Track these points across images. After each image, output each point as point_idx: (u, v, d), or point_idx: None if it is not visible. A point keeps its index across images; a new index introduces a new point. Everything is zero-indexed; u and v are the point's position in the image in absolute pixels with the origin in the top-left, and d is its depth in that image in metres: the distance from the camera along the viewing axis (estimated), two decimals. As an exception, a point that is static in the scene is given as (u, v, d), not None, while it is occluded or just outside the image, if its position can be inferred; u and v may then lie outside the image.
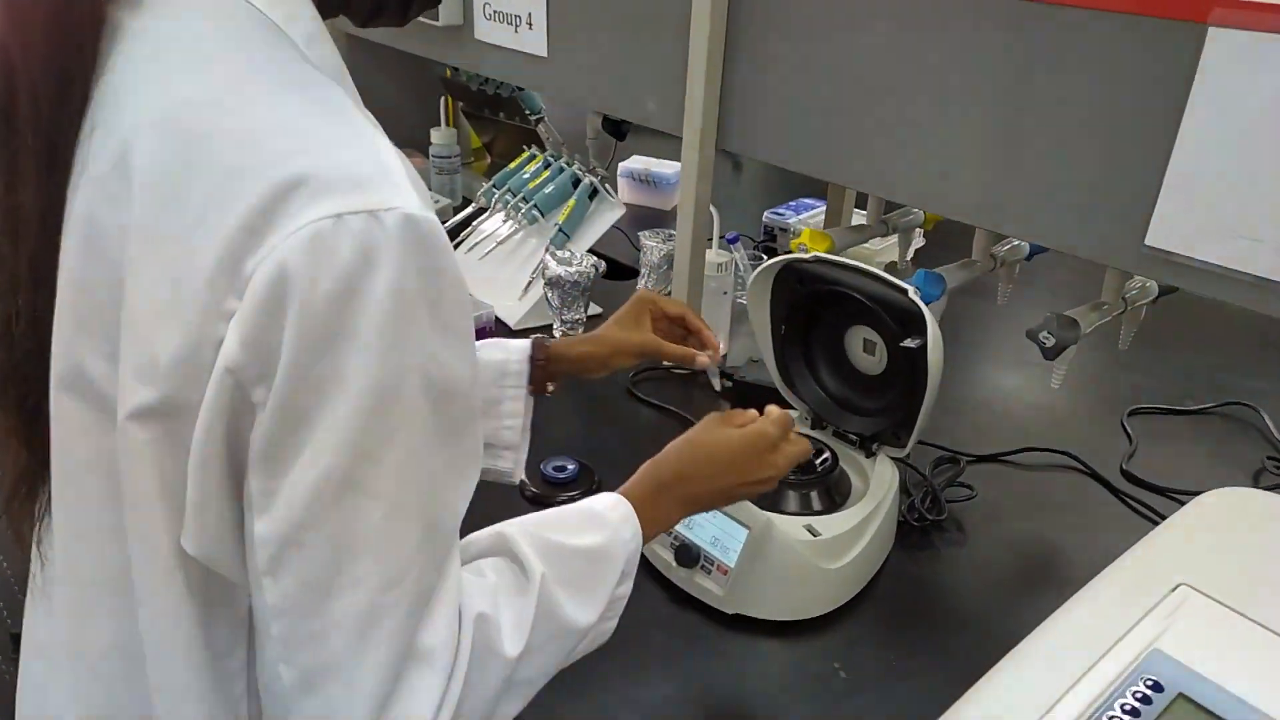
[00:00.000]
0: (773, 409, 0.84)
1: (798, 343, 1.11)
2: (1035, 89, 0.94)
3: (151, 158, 0.54)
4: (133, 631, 0.61)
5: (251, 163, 0.52)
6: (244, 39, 0.58)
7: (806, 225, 1.86)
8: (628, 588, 0.72)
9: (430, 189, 1.98)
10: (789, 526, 0.95)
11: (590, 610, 0.68)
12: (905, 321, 0.98)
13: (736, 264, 1.52)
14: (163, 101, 0.55)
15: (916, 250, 1.87)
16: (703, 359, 1.03)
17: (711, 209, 1.40)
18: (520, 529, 0.69)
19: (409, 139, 2.06)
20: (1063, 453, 1.25)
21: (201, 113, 0.55)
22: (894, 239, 1.39)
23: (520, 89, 1.91)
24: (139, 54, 0.57)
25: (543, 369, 0.99)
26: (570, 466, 1.15)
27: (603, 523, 0.72)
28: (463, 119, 2.27)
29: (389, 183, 0.53)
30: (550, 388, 1.01)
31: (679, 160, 1.31)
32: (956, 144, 1.02)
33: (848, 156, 1.14)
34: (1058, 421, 1.34)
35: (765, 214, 1.91)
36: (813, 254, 1.04)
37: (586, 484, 1.14)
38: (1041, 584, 1.05)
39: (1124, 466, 1.23)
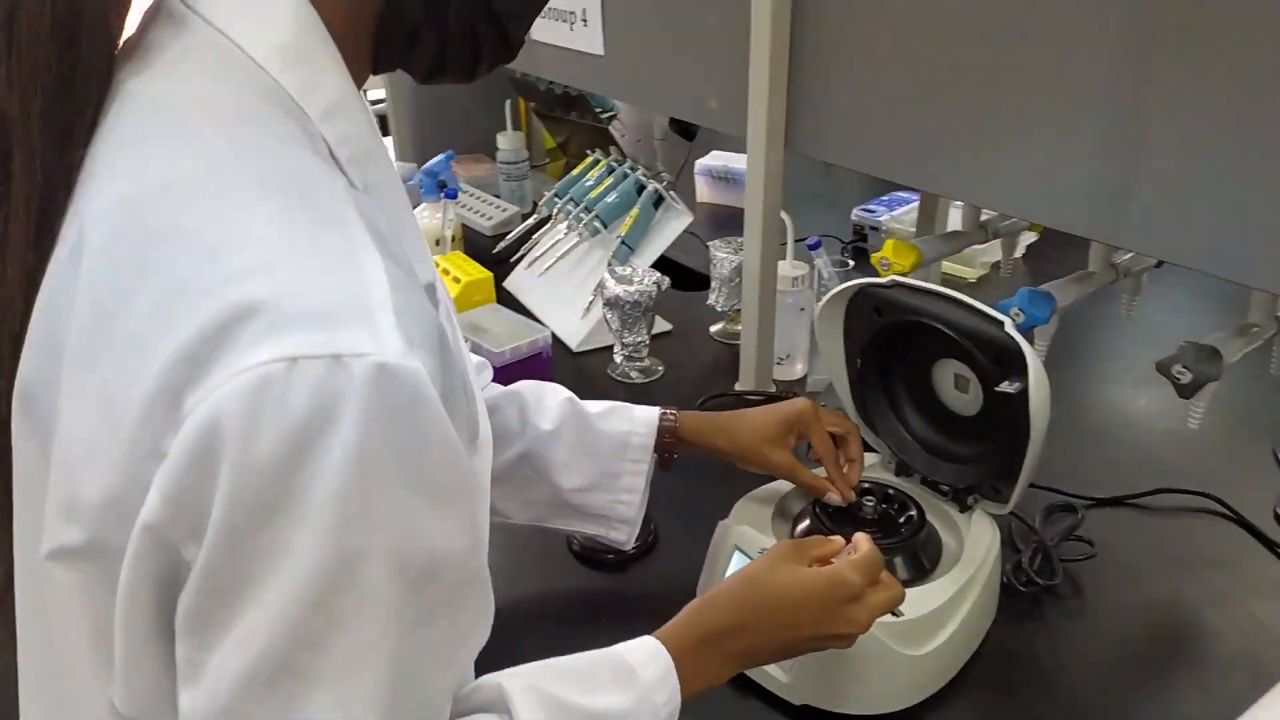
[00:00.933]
0: (861, 540, 0.71)
1: (877, 377, 0.96)
2: (1160, 73, 0.77)
3: (102, 253, 0.46)
4: None
5: (204, 278, 0.43)
6: (241, 112, 0.49)
7: (900, 223, 1.69)
8: None
9: (500, 196, 1.88)
10: (864, 604, 0.81)
11: None
12: (1002, 359, 0.82)
13: (819, 273, 1.37)
14: (128, 185, 0.47)
15: (1029, 247, 1.68)
16: (834, 496, 0.89)
17: (784, 216, 1.25)
18: (525, 684, 0.57)
19: (480, 144, 1.98)
20: (1205, 495, 1.06)
21: (163, 205, 0.46)
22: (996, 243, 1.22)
23: (587, 87, 1.80)
24: (125, 122, 0.49)
25: (670, 446, 0.90)
26: None
27: (631, 680, 0.60)
28: (535, 120, 2.17)
29: (366, 319, 0.43)
30: (676, 460, 0.92)
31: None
32: (1061, 142, 0.85)
33: (932, 159, 0.98)
34: (1198, 456, 1.14)
35: (854, 211, 1.74)
36: (889, 278, 0.89)
37: (642, 537, 1.02)
38: (1180, 664, 0.87)
39: (1279, 511, 1.04)
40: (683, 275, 1.68)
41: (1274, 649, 0.87)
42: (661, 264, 1.70)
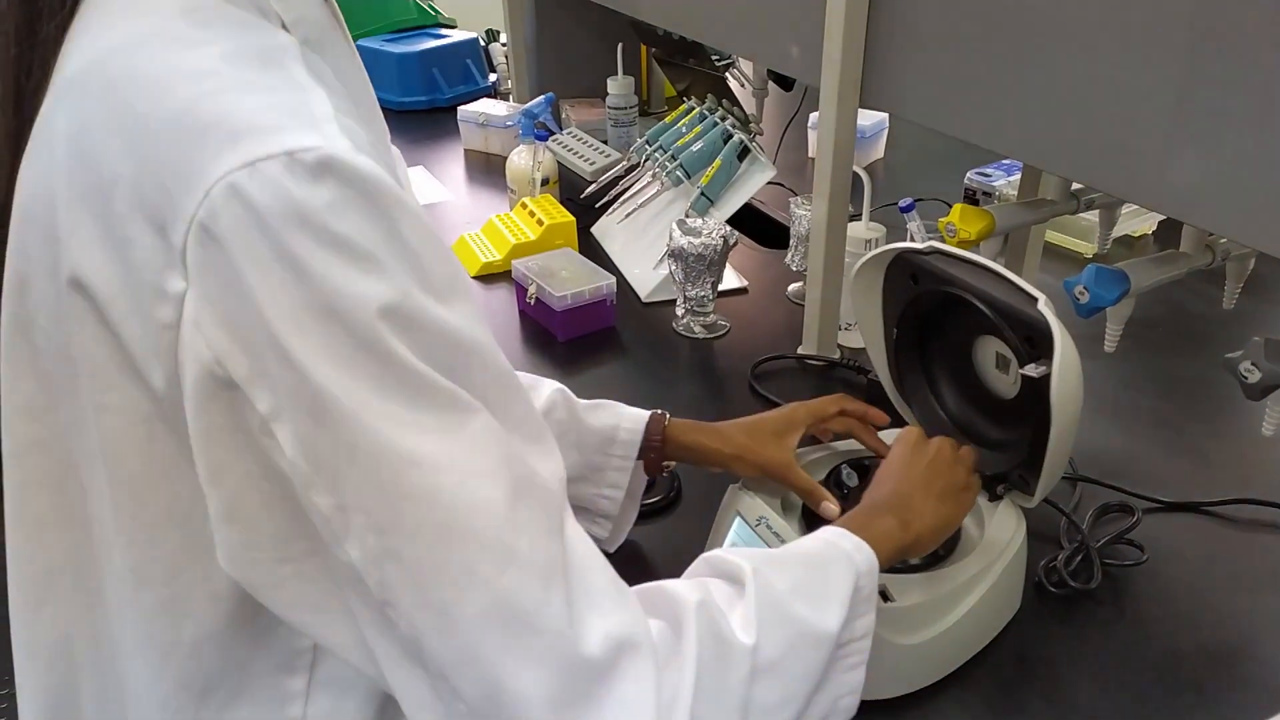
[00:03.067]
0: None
1: (915, 348, 0.90)
2: (1249, 28, 0.67)
3: (74, 111, 0.50)
4: (88, 625, 0.58)
5: (161, 111, 0.46)
6: None
7: (1016, 189, 1.57)
8: (870, 622, 0.62)
9: (606, 143, 1.87)
10: (857, 585, 0.76)
11: (829, 613, 0.59)
12: (1033, 340, 0.75)
13: (911, 237, 1.29)
14: (91, 49, 0.51)
15: (1160, 223, 1.53)
16: (828, 507, 0.83)
17: (861, 174, 1.19)
18: (722, 550, 0.63)
19: (598, 88, 1.96)
20: (1290, 509, 0.95)
21: (120, 58, 0.49)
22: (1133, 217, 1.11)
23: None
24: (93, 2, 0.53)
25: (658, 448, 0.88)
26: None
27: (812, 539, 0.66)
28: (656, 67, 2.14)
29: (311, 125, 0.46)
30: (667, 468, 0.91)
31: (873, 110, 1.09)
32: (1139, 105, 0.76)
33: (1006, 119, 0.90)
34: (1292, 466, 1.02)
35: (969, 174, 1.63)
36: (929, 244, 0.83)
37: (666, 489, 1.00)
38: (1219, 696, 0.78)
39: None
40: (776, 232, 1.63)
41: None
42: (751, 217, 1.66)
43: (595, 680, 0.49)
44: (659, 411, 0.89)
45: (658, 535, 0.97)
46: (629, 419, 0.88)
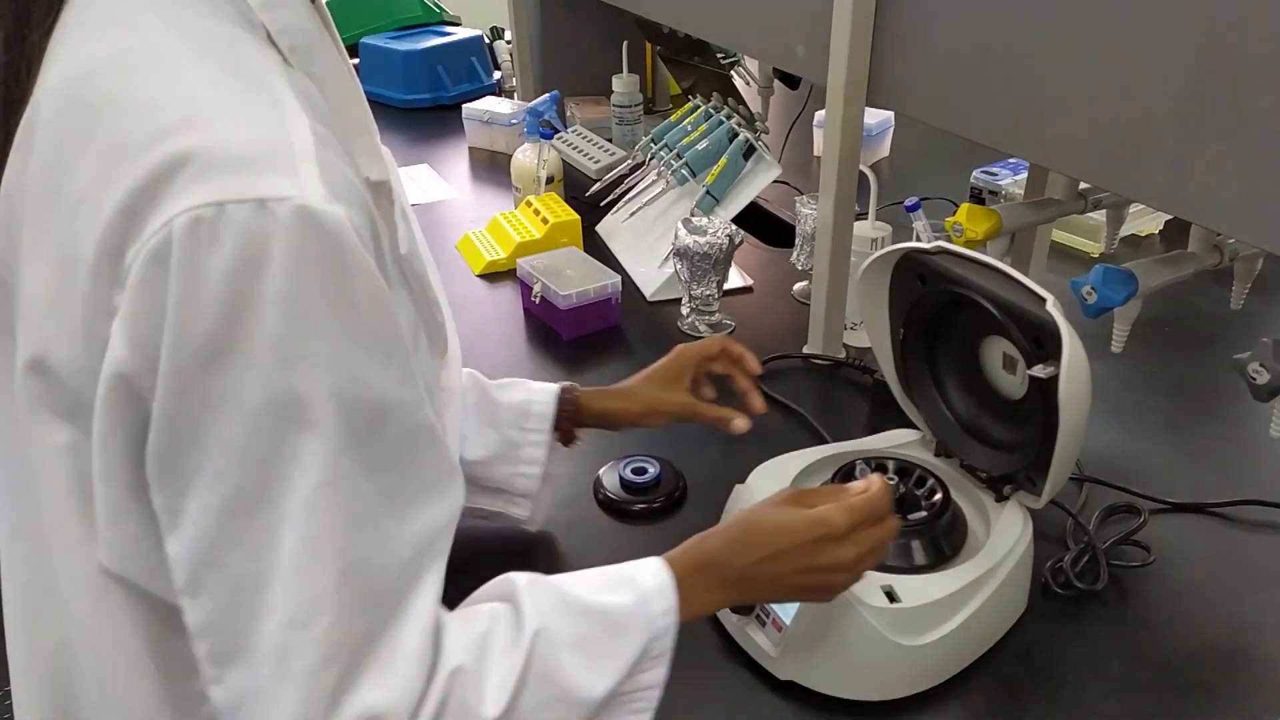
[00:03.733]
0: (874, 480, 0.69)
1: (922, 349, 0.90)
2: (1260, 27, 0.67)
3: (49, 127, 0.50)
4: (84, 631, 0.57)
5: (140, 135, 0.46)
6: None
7: (1022, 188, 1.56)
8: (658, 676, 0.61)
9: (611, 141, 1.87)
10: (862, 585, 0.75)
11: (599, 679, 0.58)
12: (1041, 340, 0.75)
13: (918, 237, 1.29)
14: (72, 63, 0.51)
15: (1167, 223, 1.53)
16: (739, 424, 0.89)
17: (867, 172, 1.18)
18: (533, 578, 0.60)
19: (603, 86, 1.96)
20: (1300, 512, 0.94)
21: (103, 77, 0.49)
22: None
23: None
24: (76, 10, 0.53)
25: (571, 418, 0.90)
26: (651, 469, 1.01)
27: (632, 586, 0.62)
28: (661, 65, 2.13)
29: (290, 167, 0.46)
30: (579, 438, 0.92)
31: (879, 108, 1.10)
32: (1149, 105, 0.76)
33: (1014, 118, 0.89)
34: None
35: (974, 173, 1.63)
36: (936, 244, 0.83)
37: (670, 488, 1.00)
38: (1225, 696, 0.78)
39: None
40: (781, 230, 1.63)
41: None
42: (756, 216, 1.65)
43: None
44: (568, 384, 0.91)
45: (664, 536, 0.96)
46: (540, 392, 0.90)
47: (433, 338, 0.64)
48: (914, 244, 0.83)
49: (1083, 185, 1.05)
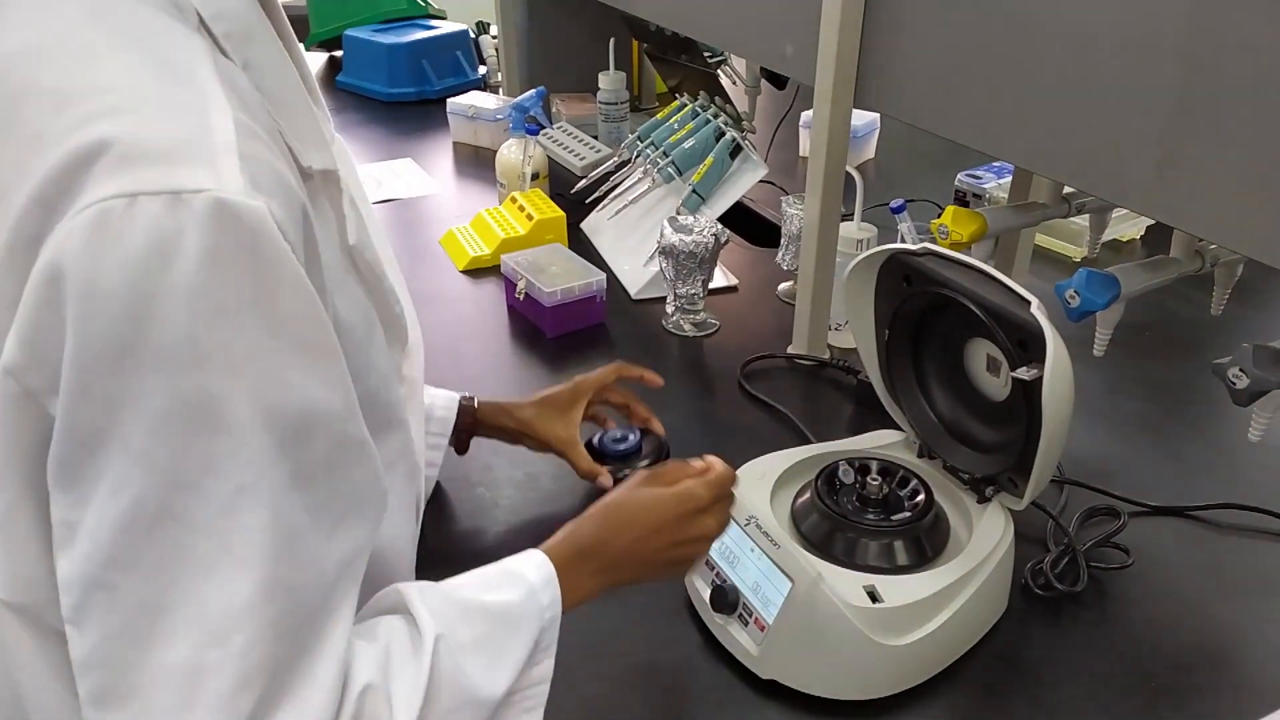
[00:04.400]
0: (714, 462, 0.73)
1: (907, 350, 0.90)
2: (1243, 35, 0.67)
3: None
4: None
5: (55, 127, 0.45)
6: None
7: (1006, 191, 1.57)
8: (547, 669, 0.61)
9: (597, 138, 1.86)
10: (845, 585, 0.76)
11: (500, 676, 0.58)
12: (1025, 343, 0.75)
13: (902, 238, 1.29)
14: None
15: (1149, 228, 1.54)
16: (604, 480, 0.93)
17: (854, 173, 1.19)
18: (421, 585, 0.59)
19: (590, 83, 1.95)
20: (1276, 515, 0.95)
21: (22, 67, 0.48)
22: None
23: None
24: None
25: (468, 428, 0.92)
26: (632, 437, 0.99)
27: (519, 581, 0.62)
28: (647, 63, 2.13)
29: (208, 160, 0.44)
30: (468, 443, 0.95)
31: (866, 110, 1.10)
32: (1132, 110, 0.76)
33: (999, 122, 0.90)
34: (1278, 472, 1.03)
35: (959, 176, 1.63)
36: (922, 246, 0.83)
37: (655, 454, 1.00)
38: (1203, 696, 0.79)
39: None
40: (767, 230, 1.63)
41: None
42: (742, 216, 1.65)
43: None
44: (467, 395, 0.93)
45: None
46: (442, 399, 0.91)
47: (390, 329, 0.63)
48: (900, 245, 0.84)
49: (1067, 189, 1.06)
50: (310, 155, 0.53)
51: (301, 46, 0.65)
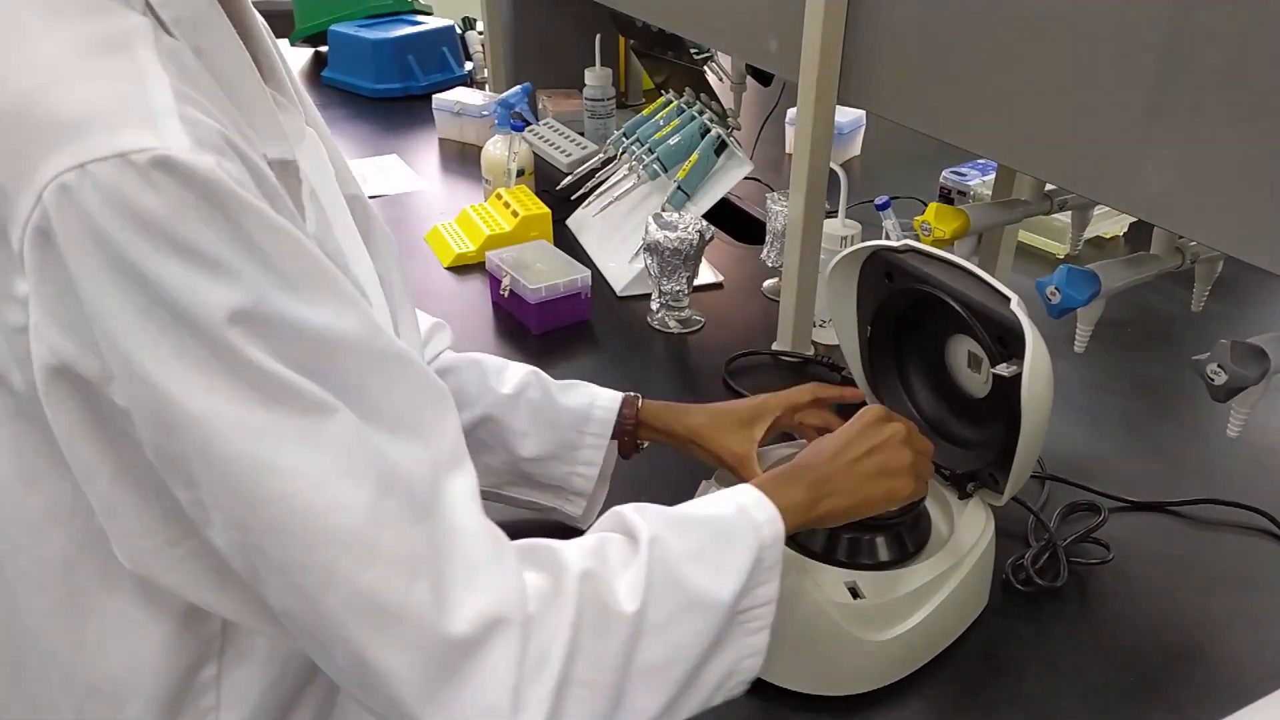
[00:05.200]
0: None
1: (889, 347, 0.90)
2: (1223, 32, 0.68)
3: None
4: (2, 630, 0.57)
5: None
6: None
7: (991, 188, 1.58)
8: (773, 590, 0.62)
9: (583, 135, 1.86)
10: (827, 581, 0.77)
11: (724, 582, 0.59)
12: (1005, 339, 0.76)
13: (887, 235, 1.30)
14: None
15: (1131, 225, 1.55)
16: None
17: (838, 170, 1.19)
18: (635, 504, 0.62)
19: (576, 79, 1.95)
20: (1255, 510, 0.96)
21: None
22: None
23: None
24: None
25: (632, 431, 0.88)
26: None
27: (728, 501, 0.65)
28: (634, 59, 2.13)
29: (146, 120, 0.44)
30: (642, 445, 0.91)
31: (850, 106, 1.09)
32: (1112, 107, 0.76)
33: (980, 119, 0.90)
34: (1260, 469, 1.04)
35: (944, 173, 1.64)
36: (904, 243, 0.83)
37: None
38: (1180, 690, 0.79)
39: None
40: (752, 227, 1.63)
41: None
42: (727, 212, 1.65)
43: (462, 657, 0.50)
44: (632, 394, 0.89)
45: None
46: (603, 398, 0.88)
47: None
48: (883, 242, 0.84)
49: (1049, 187, 1.07)
50: (266, 144, 0.53)
51: (274, 39, 0.65)
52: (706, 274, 1.41)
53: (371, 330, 0.51)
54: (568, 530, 0.91)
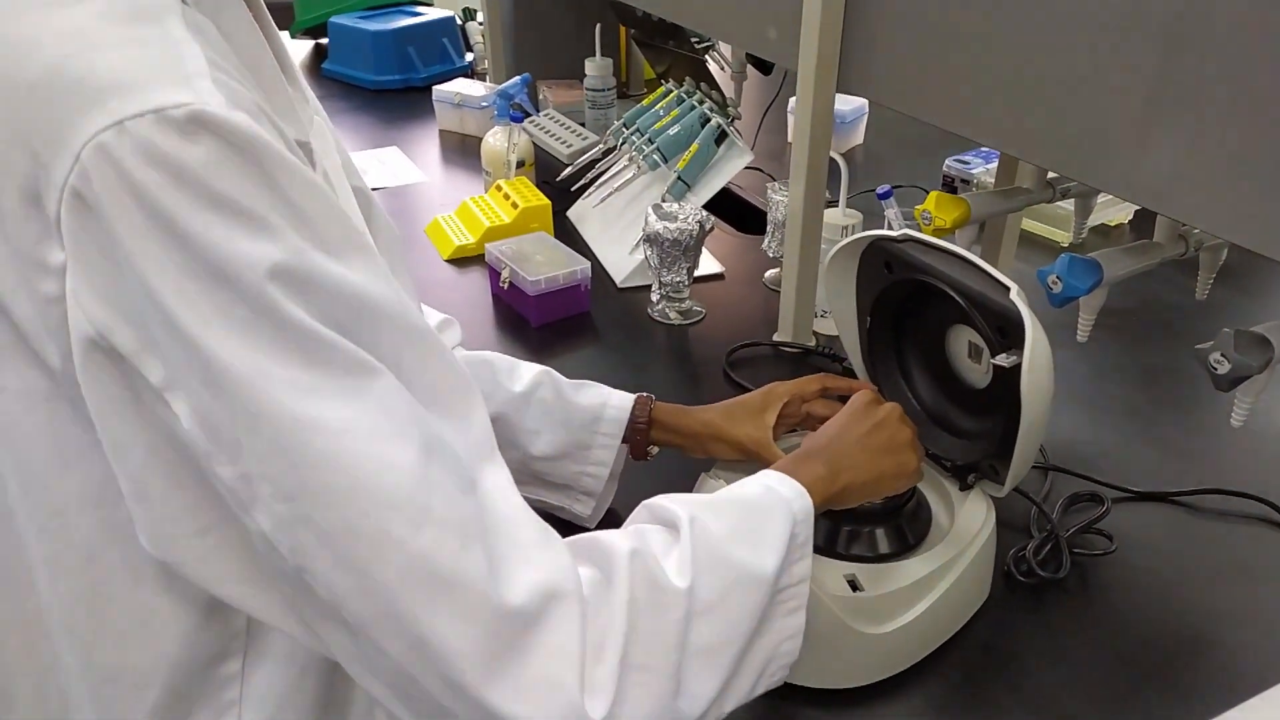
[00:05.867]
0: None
1: (889, 337, 0.89)
2: (1225, 19, 0.67)
3: None
4: (18, 615, 0.57)
5: (23, 73, 0.45)
6: None
7: (994, 176, 1.56)
8: (806, 568, 0.63)
9: (584, 125, 1.85)
10: (826, 574, 0.76)
11: (766, 556, 0.60)
12: (1005, 330, 0.75)
13: (889, 225, 1.29)
14: None
15: (1136, 213, 1.53)
16: None
17: (838, 159, 1.18)
18: (664, 495, 0.64)
19: (577, 69, 1.94)
20: (1261, 500, 0.95)
21: None
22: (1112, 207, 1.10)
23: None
24: None
25: (644, 432, 0.87)
26: None
27: (753, 483, 0.66)
28: (635, 49, 2.11)
29: (182, 80, 0.44)
30: (652, 452, 0.90)
31: (850, 94, 1.09)
32: (1115, 95, 0.75)
33: (981, 107, 0.89)
34: (1264, 458, 1.03)
35: (946, 161, 1.63)
36: (903, 232, 0.82)
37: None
38: (1184, 684, 0.79)
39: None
40: (753, 217, 1.62)
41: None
42: (728, 202, 1.65)
43: (521, 630, 0.49)
44: (645, 395, 0.89)
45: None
46: (616, 398, 0.88)
47: None
48: (881, 232, 0.83)
49: (1051, 174, 1.06)
50: (283, 124, 0.53)
51: (278, 30, 0.65)
52: (707, 264, 1.40)
53: (405, 305, 0.50)
54: (577, 529, 0.90)
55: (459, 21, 2.34)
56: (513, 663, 0.48)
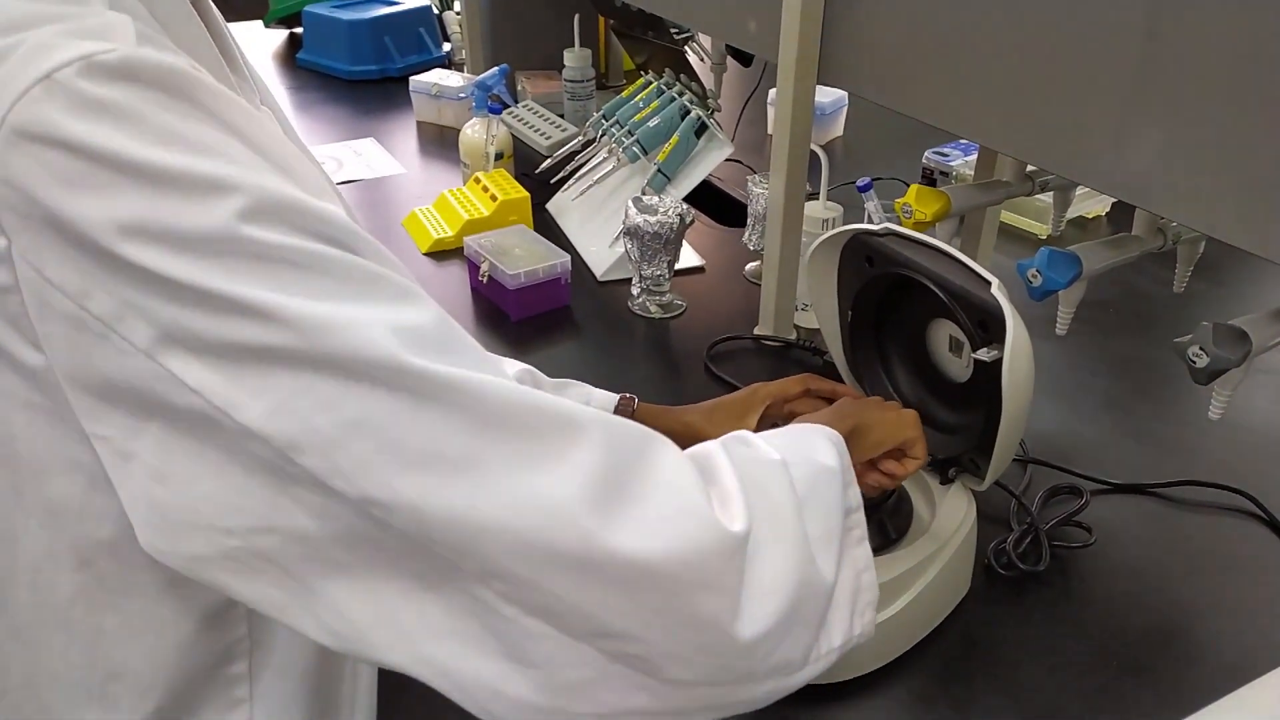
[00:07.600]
0: None
1: (869, 331, 0.89)
2: (1204, 12, 0.67)
3: None
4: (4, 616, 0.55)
5: None
6: None
7: (973, 169, 1.57)
8: (858, 493, 0.61)
9: (563, 116, 1.84)
10: (808, 569, 0.76)
11: (827, 458, 0.60)
12: (986, 324, 0.75)
13: (869, 218, 1.29)
14: None
15: (1114, 205, 1.54)
16: None
17: (819, 151, 1.18)
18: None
19: (555, 60, 1.93)
20: (1237, 491, 0.96)
21: None
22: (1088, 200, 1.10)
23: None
24: None
25: None
26: None
27: (779, 431, 0.63)
28: (614, 40, 2.10)
29: (107, 33, 0.43)
30: None
31: (829, 86, 1.08)
32: (1093, 88, 0.75)
33: (960, 99, 0.89)
34: (1241, 450, 1.04)
35: (926, 154, 1.63)
36: (884, 226, 0.82)
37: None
38: (1171, 671, 0.79)
39: None
40: (734, 209, 1.62)
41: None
42: (708, 195, 1.64)
43: (628, 468, 0.46)
44: (628, 395, 0.88)
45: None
46: (599, 398, 0.87)
47: None
48: (862, 226, 0.83)
49: (1030, 167, 1.06)
50: None
51: (222, 19, 0.63)
52: (688, 257, 1.40)
53: (350, 220, 0.48)
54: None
55: (436, 11, 2.32)
56: (628, 498, 0.45)
